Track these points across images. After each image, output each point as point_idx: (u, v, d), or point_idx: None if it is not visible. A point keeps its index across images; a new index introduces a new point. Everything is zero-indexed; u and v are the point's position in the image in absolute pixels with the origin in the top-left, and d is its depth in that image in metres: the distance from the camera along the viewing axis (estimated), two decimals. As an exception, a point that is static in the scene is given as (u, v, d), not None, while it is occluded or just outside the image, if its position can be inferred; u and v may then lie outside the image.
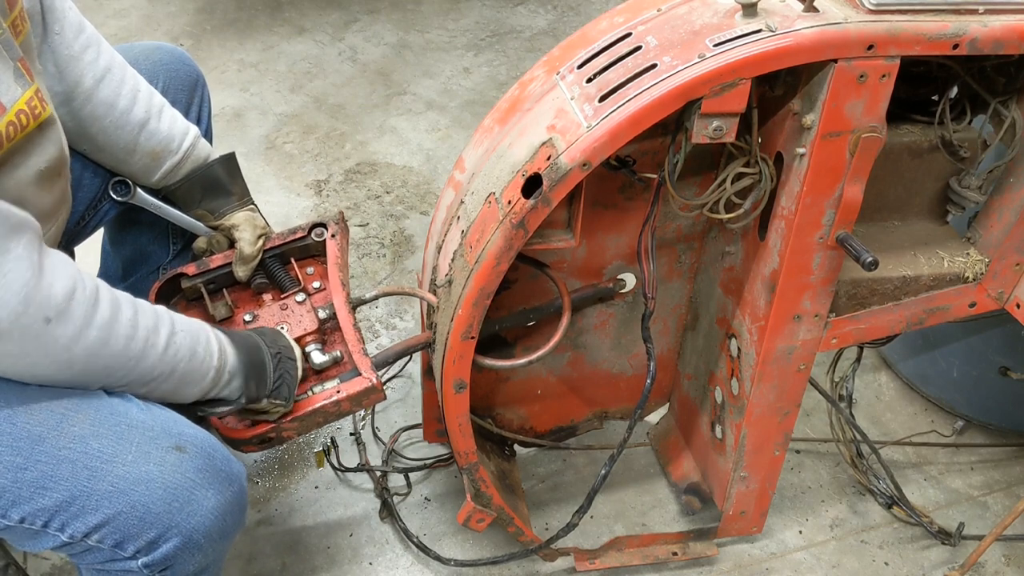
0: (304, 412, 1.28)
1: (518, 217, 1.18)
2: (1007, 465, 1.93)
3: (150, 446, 1.06)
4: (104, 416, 1.06)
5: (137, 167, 1.38)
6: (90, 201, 1.40)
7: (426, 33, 3.59)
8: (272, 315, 1.39)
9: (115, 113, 1.31)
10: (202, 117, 1.53)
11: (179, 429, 1.10)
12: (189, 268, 1.42)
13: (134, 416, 1.07)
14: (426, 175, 2.76)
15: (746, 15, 1.12)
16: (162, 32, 3.51)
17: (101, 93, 1.29)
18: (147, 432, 1.07)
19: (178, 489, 1.05)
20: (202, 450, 1.09)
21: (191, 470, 1.07)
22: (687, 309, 1.62)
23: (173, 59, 1.48)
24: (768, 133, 1.25)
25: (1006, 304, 1.40)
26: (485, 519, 1.49)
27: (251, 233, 1.42)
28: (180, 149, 1.38)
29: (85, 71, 1.27)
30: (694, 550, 1.66)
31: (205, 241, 1.45)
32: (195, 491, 1.06)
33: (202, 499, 1.07)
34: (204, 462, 1.08)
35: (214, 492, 1.08)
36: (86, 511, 1.02)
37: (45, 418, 1.03)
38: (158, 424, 1.08)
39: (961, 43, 1.09)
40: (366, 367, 1.31)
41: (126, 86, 1.32)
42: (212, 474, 1.09)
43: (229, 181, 1.44)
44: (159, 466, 1.05)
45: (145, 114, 1.34)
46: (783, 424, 1.48)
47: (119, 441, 1.05)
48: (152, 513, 1.03)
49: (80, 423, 1.04)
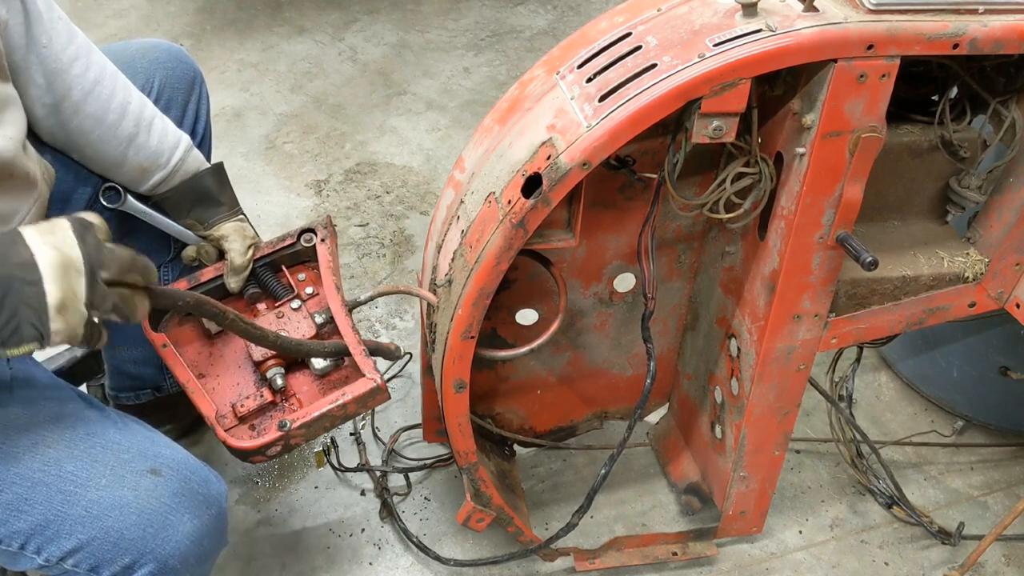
0: (310, 417, 1.27)
1: (518, 217, 1.18)
2: (1007, 465, 1.93)
3: (124, 469, 1.05)
4: (80, 437, 1.05)
5: (126, 178, 1.37)
6: (82, 208, 1.39)
7: (426, 33, 3.59)
8: (268, 324, 1.38)
9: (103, 127, 1.30)
10: (200, 115, 1.53)
11: (155, 451, 1.09)
12: (180, 284, 1.42)
13: (110, 437, 1.06)
14: (426, 175, 2.76)
15: (746, 15, 1.12)
16: (162, 32, 3.51)
17: (89, 107, 1.28)
18: (122, 455, 1.06)
19: (153, 514, 1.04)
20: (178, 472, 1.08)
21: (166, 494, 1.05)
22: (687, 309, 1.62)
23: (170, 57, 1.48)
24: (768, 133, 1.25)
25: (1006, 304, 1.40)
26: (485, 519, 1.49)
27: (240, 244, 1.41)
28: (169, 164, 1.37)
29: (73, 83, 1.26)
30: (694, 550, 1.66)
31: (194, 250, 1.45)
32: (170, 516, 1.05)
33: (177, 524, 1.06)
34: (180, 485, 1.07)
35: (190, 516, 1.07)
36: (60, 535, 1.02)
37: (21, 439, 1.03)
38: (134, 445, 1.07)
39: (961, 43, 1.09)
40: (369, 368, 1.30)
41: (116, 99, 1.31)
42: (188, 497, 1.07)
43: (218, 191, 1.43)
44: (134, 491, 1.04)
45: (134, 128, 1.32)
46: (783, 424, 1.48)
47: (94, 464, 1.04)
48: (126, 539, 1.02)
49: (55, 444, 1.03)
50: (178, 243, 1.54)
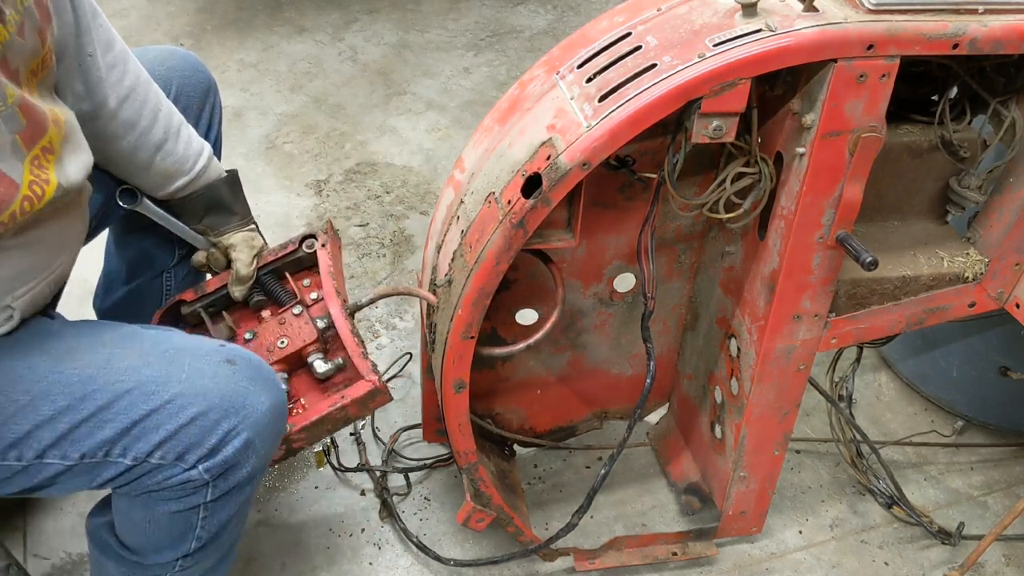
0: (311, 421, 1.29)
1: (518, 217, 1.18)
2: (1007, 465, 1.93)
3: (201, 363, 1.11)
4: (149, 346, 1.12)
5: (148, 183, 1.38)
6: (96, 211, 1.39)
7: (426, 33, 3.59)
8: (271, 331, 1.40)
9: (135, 133, 1.32)
10: (212, 124, 1.54)
11: (224, 347, 1.16)
12: (188, 295, 1.44)
13: (177, 341, 1.14)
14: (426, 175, 2.76)
15: (746, 15, 1.12)
16: (162, 32, 3.51)
17: (124, 113, 1.30)
18: (196, 351, 1.13)
19: (235, 395, 1.10)
20: (249, 361, 1.16)
21: (243, 379, 1.12)
22: (687, 309, 1.62)
23: (187, 65, 1.49)
24: (768, 133, 1.25)
25: (1006, 304, 1.40)
26: (485, 519, 1.49)
27: (247, 254, 1.43)
28: (193, 170, 1.39)
29: (110, 92, 1.27)
30: (694, 550, 1.66)
31: (203, 255, 1.46)
32: (249, 396, 1.12)
33: (256, 402, 1.12)
34: (254, 371, 1.15)
35: (267, 395, 1.14)
36: (147, 431, 1.06)
37: (91, 360, 1.08)
38: (203, 345, 1.15)
39: (961, 43, 1.09)
40: (367, 370, 1.32)
41: (148, 106, 1.32)
42: (262, 381, 1.14)
43: (232, 201, 1.45)
44: (214, 379, 1.10)
45: (164, 135, 1.34)
46: (783, 424, 1.48)
47: (171, 364, 1.10)
48: (211, 420, 1.08)
49: (128, 357, 1.09)
50: (183, 248, 1.54)
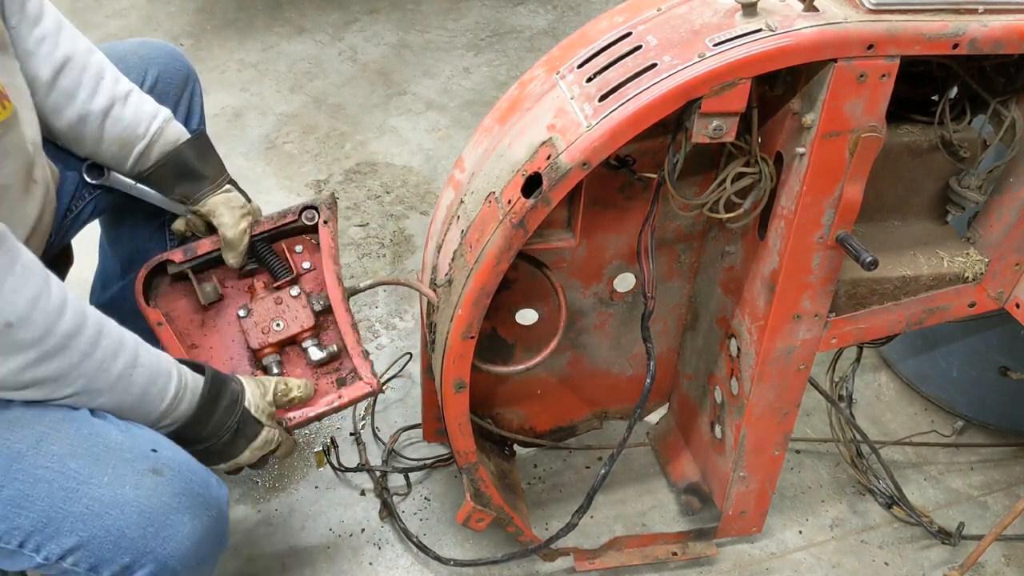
0: (306, 419, 1.32)
1: (518, 217, 1.18)
2: (1007, 465, 1.93)
3: (126, 468, 1.04)
4: (83, 436, 1.04)
5: (108, 156, 1.36)
6: (72, 193, 1.38)
7: (426, 33, 3.59)
8: (267, 310, 1.38)
9: (76, 103, 1.30)
10: (193, 111, 1.52)
11: (158, 451, 1.08)
12: (176, 255, 1.39)
13: (112, 437, 1.06)
14: (426, 175, 2.76)
15: (746, 14, 1.12)
16: (162, 32, 3.51)
17: (62, 83, 1.29)
18: (124, 454, 1.05)
19: (154, 513, 1.03)
20: (180, 473, 1.07)
21: (167, 494, 1.05)
22: (687, 309, 1.62)
23: (163, 54, 1.48)
24: (768, 133, 1.25)
25: (1006, 304, 1.40)
26: (485, 519, 1.49)
27: (229, 216, 1.37)
28: (147, 134, 1.36)
29: (42, 63, 1.27)
30: (694, 550, 1.66)
31: (183, 223, 1.43)
32: (171, 516, 1.04)
33: (178, 524, 1.05)
34: (181, 486, 1.06)
35: (191, 517, 1.06)
36: (61, 533, 1.01)
37: (25, 435, 1.02)
38: (136, 446, 1.07)
39: (961, 43, 1.09)
40: (366, 371, 1.33)
41: (88, 74, 1.31)
42: (189, 498, 1.07)
43: (200, 164, 1.40)
44: (135, 489, 1.03)
45: (108, 101, 1.32)
46: (783, 424, 1.48)
47: (96, 462, 1.03)
48: (127, 537, 1.02)
49: (59, 442, 1.02)
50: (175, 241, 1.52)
